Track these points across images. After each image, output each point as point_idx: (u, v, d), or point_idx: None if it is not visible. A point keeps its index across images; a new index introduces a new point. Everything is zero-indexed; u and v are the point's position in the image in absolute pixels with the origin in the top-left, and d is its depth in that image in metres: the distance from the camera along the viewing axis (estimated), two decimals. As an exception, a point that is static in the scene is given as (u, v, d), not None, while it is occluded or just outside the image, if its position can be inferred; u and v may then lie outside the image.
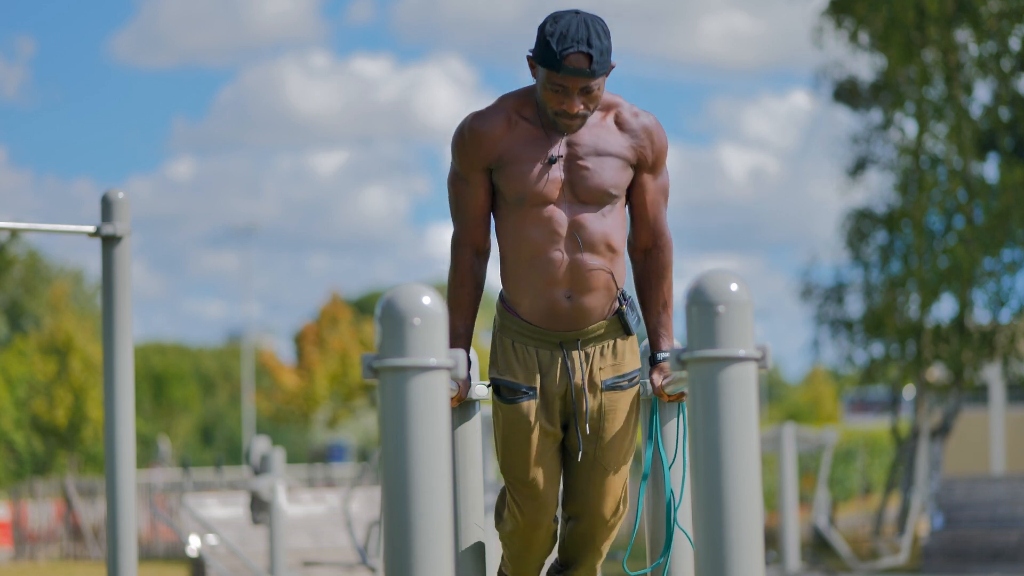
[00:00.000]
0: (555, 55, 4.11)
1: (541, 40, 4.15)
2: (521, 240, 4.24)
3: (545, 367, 4.28)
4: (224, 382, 60.24)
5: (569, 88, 4.14)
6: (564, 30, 4.12)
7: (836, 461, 27.85)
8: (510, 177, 4.23)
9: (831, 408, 54.00)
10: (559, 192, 4.21)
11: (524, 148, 4.23)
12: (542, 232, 4.21)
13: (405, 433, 2.96)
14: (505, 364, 4.31)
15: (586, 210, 4.22)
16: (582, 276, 4.22)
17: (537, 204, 4.22)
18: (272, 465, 11.09)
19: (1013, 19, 19.72)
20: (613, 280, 4.26)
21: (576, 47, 4.10)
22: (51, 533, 23.06)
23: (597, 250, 4.22)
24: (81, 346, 35.42)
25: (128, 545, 5.18)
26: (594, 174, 4.21)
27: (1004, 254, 19.96)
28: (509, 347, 4.31)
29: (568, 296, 4.24)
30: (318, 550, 13.52)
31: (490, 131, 4.25)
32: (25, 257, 46.79)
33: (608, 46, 4.15)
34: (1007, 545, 15.51)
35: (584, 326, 4.27)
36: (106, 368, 5.22)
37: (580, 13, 4.16)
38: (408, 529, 2.94)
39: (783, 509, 15.74)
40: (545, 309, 4.25)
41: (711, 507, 3.02)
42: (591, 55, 4.10)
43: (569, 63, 4.11)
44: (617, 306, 4.31)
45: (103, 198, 5.29)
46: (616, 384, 4.30)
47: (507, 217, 4.27)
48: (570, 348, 4.28)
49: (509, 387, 4.29)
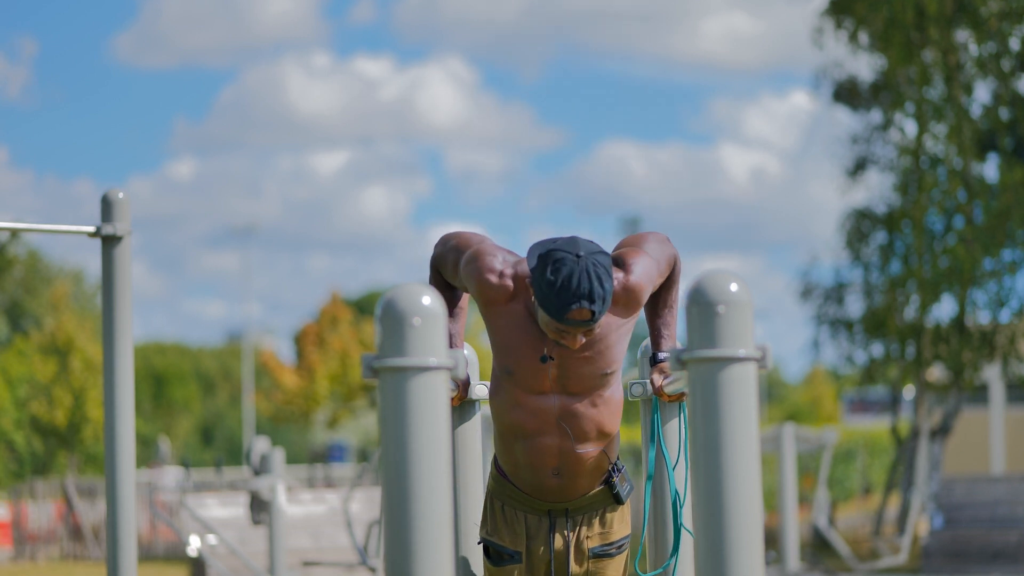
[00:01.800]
0: (556, 308, 3.95)
1: (541, 285, 3.96)
2: (510, 419, 4.18)
3: (532, 532, 4.27)
4: (224, 382, 60.25)
5: (571, 331, 4.01)
6: (566, 281, 3.92)
7: (836, 461, 27.85)
8: (500, 347, 4.14)
9: (831, 408, 54.02)
10: (548, 383, 4.13)
11: (518, 330, 4.12)
12: (531, 417, 4.15)
13: (405, 433, 2.96)
14: (494, 526, 4.30)
15: (577, 401, 4.14)
16: (571, 460, 4.18)
17: (525, 389, 4.14)
18: (272, 465, 11.09)
19: (1013, 19, 19.73)
20: (606, 458, 4.23)
21: (579, 303, 3.93)
22: (51, 533, 23.06)
23: (589, 437, 4.16)
24: (81, 346, 35.42)
25: (128, 545, 5.18)
26: (590, 363, 4.11)
27: (1004, 254, 19.97)
28: (499, 510, 4.30)
29: (557, 474, 4.20)
30: (318, 550, 13.53)
31: (491, 295, 4.12)
32: (25, 257, 46.81)
33: (610, 288, 3.97)
34: (1007, 545, 15.51)
35: (573, 498, 4.25)
36: (106, 368, 5.22)
37: (581, 257, 3.95)
38: (408, 529, 2.94)
39: (783, 509, 15.75)
40: (534, 483, 4.22)
41: (711, 507, 3.02)
42: (594, 310, 3.95)
43: (571, 317, 3.95)
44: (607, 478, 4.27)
45: (103, 198, 5.29)
46: (604, 552, 4.28)
47: (497, 385, 4.20)
48: (558, 516, 4.27)
49: (496, 549, 4.28)
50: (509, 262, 4.13)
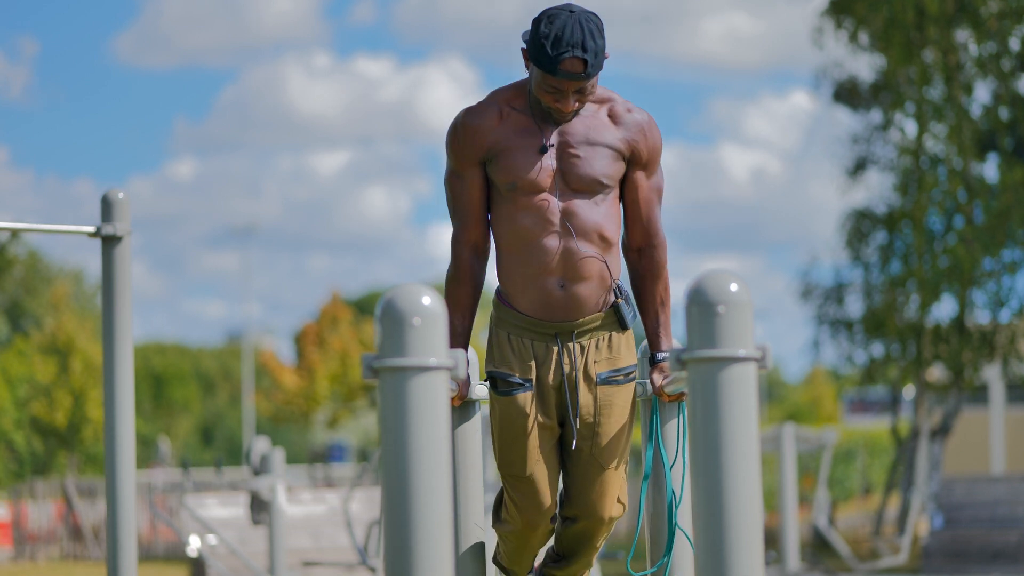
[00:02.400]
0: (550, 59, 4.11)
1: (535, 40, 4.14)
2: (514, 229, 4.25)
3: (540, 359, 4.28)
4: (224, 382, 60.23)
5: (564, 89, 4.15)
6: (559, 32, 4.10)
7: (836, 461, 27.84)
8: (502, 167, 4.24)
9: (831, 408, 54.00)
10: (551, 180, 4.22)
11: (516, 138, 4.24)
12: (534, 220, 4.22)
13: (405, 433, 2.96)
14: (501, 357, 4.30)
15: (578, 198, 4.23)
16: (575, 264, 4.22)
17: (529, 193, 4.23)
18: (272, 465, 11.09)
19: (1013, 19, 19.72)
20: (607, 270, 4.26)
21: (571, 51, 4.10)
22: (51, 533, 23.05)
23: (590, 238, 4.23)
24: (82, 346, 35.41)
25: (128, 545, 5.18)
26: (586, 163, 4.22)
27: (1004, 254, 19.96)
28: (505, 340, 4.31)
29: (561, 285, 4.23)
30: (318, 550, 13.52)
31: (482, 124, 4.27)
32: (25, 257, 46.79)
33: (602, 45, 4.15)
34: (1007, 545, 15.51)
35: (579, 316, 4.26)
36: (106, 368, 5.22)
37: (574, 12, 4.14)
38: (408, 529, 2.94)
39: (783, 509, 15.74)
40: (539, 299, 4.24)
41: (711, 507, 3.02)
42: (586, 59, 4.10)
43: (564, 67, 4.11)
44: (612, 299, 4.30)
45: (103, 198, 5.29)
46: (611, 378, 4.29)
47: (500, 208, 4.29)
48: (565, 340, 4.27)
49: (505, 379, 4.28)
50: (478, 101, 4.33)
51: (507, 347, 4.30)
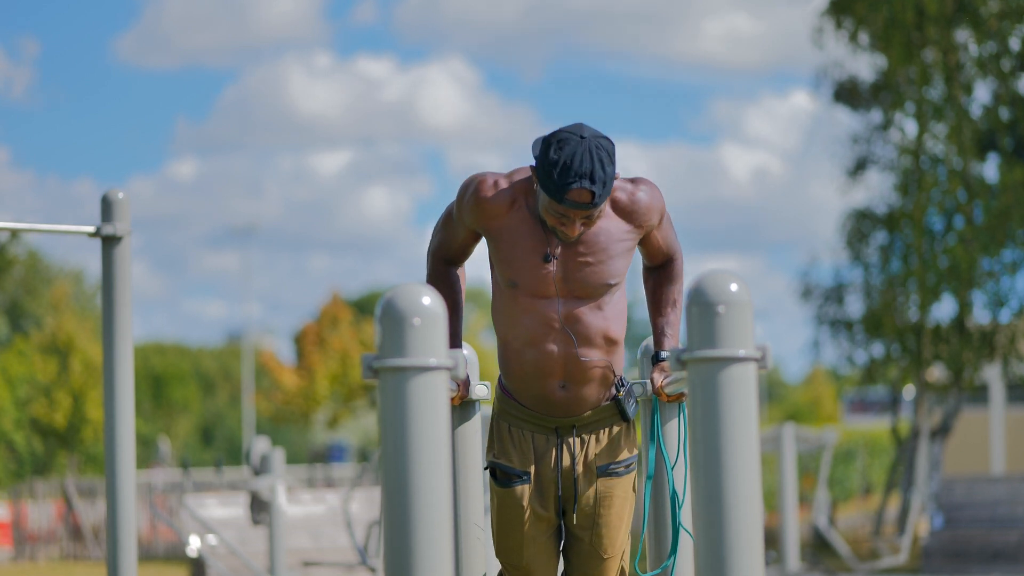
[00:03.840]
0: (557, 187, 3.98)
1: (544, 165, 4.01)
2: (515, 330, 4.19)
3: (540, 452, 4.26)
4: (224, 382, 60.23)
5: (570, 216, 4.04)
6: (568, 160, 3.97)
7: (836, 461, 27.85)
8: (503, 260, 4.16)
9: (831, 408, 54.02)
10: (554, 287, 4.14)
11: (521, 236, 4.14)
12: (536, 324, 4.15)
13: (405, 433, 2.96)
14: (501, 448, 4.29)
15: (582, 304, 4.15)
16: (577, 369, 4.18)
17: (530, 295, 4.15)
18: (272, 465, 11.10)
19: (1013, 19, 19.72)
20: (611, 370, 4.23)
21: (579, 182, 3.97)
22: (51, 533, 23.06)
23: (593, 344, 4.17)
24: (82, 346, 35.42)
25: (128, 545, 5.18)
26: (593, 270, 4.13)
27: (1004, 254, 19.96)
28: (505, 431, 4.29)
29: (563, 386, 4.20)
30: (318, 550, 13.53)
31: (491, 208, 4.16)
32: (25, 257, 46.78)
33: (612, 173, 4.01)
34: (1007, 545, 15.51)
35: (579, 413, 4.24)
36: (106, 368, 5.22)
37: (585, 138, 3.99)
38: (408, 529, 2.94)
39: (783, 509, 15.74)
40: (540, 396, 4.22)
41: (711, 507, 3.02)
42: (594, 191, 3.98)
43: (571, 197, 3.99)
44: (614, 393, 4.27)
45: (103, 198, 5.29)
46: (611, 470, 4.27)
47: (502, 300, 4.21)
48: (565, 433, 4.25)
49: (504, 471, 4.27)
50: (502, 175, 4.19)
51: (507, 438, 4.29)
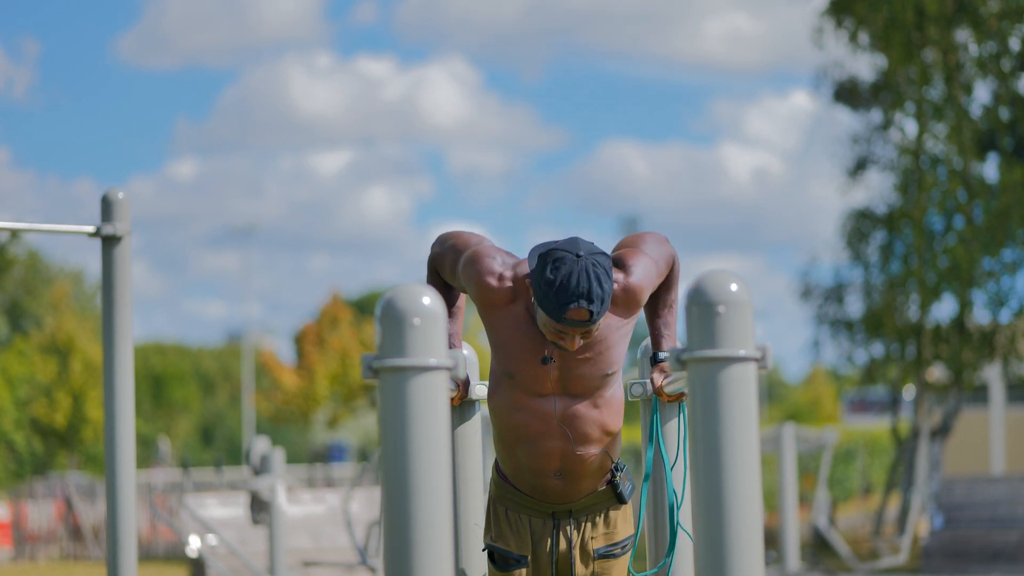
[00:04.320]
0: (554, 307, 3.95)
1: (541, 284, 3.97)
2: (510, 422, 4.17)
3: (537, 535, 4.27)
4: (224, 382, 60.24)
5: (568, 332, 4.01)
6: (564, 280, 3.92)
7: (836, 461, 27.85)
8: (500, 352, 4.13)
9: (831, 408, 54.02)
10: (549, 385, 4.12)
11: (519, 332, 4.11)
12: (532, 420, 4.14)
13: (405, 433, 2.95)
14: (498, 531, 4.30)
15: (578, 402, 4.13)
16: (572, 462, 4.17)
17: (526, 391, 4.13)
18: (272, 465, 11.10)
19: (1013, 19, 19.72)
20: (608, 458, 4.23)
21: (577, 303, 3.92)
22: (51, 533, 23.06)
23: (591, 439, 4.15)
24: (82, 346, 35.43)
25: (128, 545, 5.18)
26: (592, 364, 4.10)
27: (1004, 254, 19.97)
28: (502, 515, 4.30)
29: (559, 476, 4.20)
30: (318, 550, 13.53)
31: (491, 297, 4.11)
32: (25, 257, 46.80)
33: (609, 290, 3.97)
34: (1007, 545, 15.51)
35: (575, 499, 4.25)
36: (106, 368, 5.22)
37: (581, 257, 3.96)
38: (408, 529, 2.94)
39: (783, 509, 15.74)
40: (536, 485, 4.22)
41: (711, 507, 3.02)
42: (592, 310, 3.95)
43: (569, 316, 3.95)
44: (610, 477, 4.27)
45: (103, 198, 5.29)
46: (609, 552, 4.28)
47: (497, 388, 4.19)
48: (562, 519, 4.27)
49: (502, 555, 4.28)
50: (508, 264, 4.12)
51: (504, 522, 4.29)
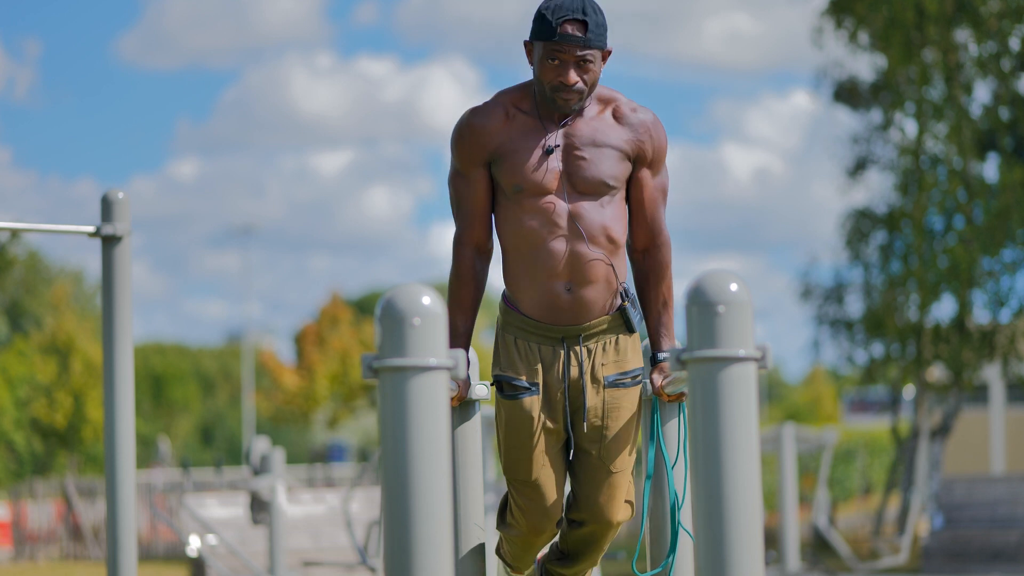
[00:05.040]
0: (550, 24, 4.17)
1: (537, 16, 4.23)
2: (520, 232, 4.24)
3: (547, 362, 4.27)
4: (224, 382, 60.21)
5: (566, 58, 4.18)
6: (559, 2, 4.19)
7: (836, 461, 27.84)
8: (507, 169, 4.24)
9: (831, 408, 54.00)
10: (557, 182, 4.22)
11: (521, 139, 4.25)
12: (541, 223, 4.22)
13: (405, 433, 2.95)
14: (507, 360, 4.29)
15: (584, 200, 4.23)
16: (582, 267, 4.21)
17: (535, 195, 4.22)
18: (272, 465, 11.10)
19: (1013, 19, 19.72)
20: (614, 272, 4.26)
21: (571, 15, 4.17)
22: (51, 533, 23.06)
23: (596, 241, 4.22)
24: (82, 346, 35.42)
25: (128, 545, 5.18)
26: (592, 164, 4.22)
27: (1004, 254, 19.96)
28: (511, 343, 4.30)
29: (568, 288, 4.22)
30: (318, 550, 13.53)
31: (487, 124, 4.28)
32: (25, 257, 46.77)
33: (602, 22, 4.22)
34: (1007, 545, 15.51)
35: (585, 320, 4.25)
36: (106, 368, 5.22)
37: None
38: (408, 529, 2.94)
39: (783, 509, 15.74)
40: (546, 302, 4.24)
41: (711, 507, 3.02)
42: (586, 22, 4.17)
43: (564, 30, 4.16)
44: (619, 302, 4.29)
45: (103, 198, 5.29)
46: (619, 381, 4.28)
47: (506, 210, 4.28)
48: (572, 343, 4.26)
49: (511, 383, 4.27)
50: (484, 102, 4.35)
51: (513, 351, 4.29)
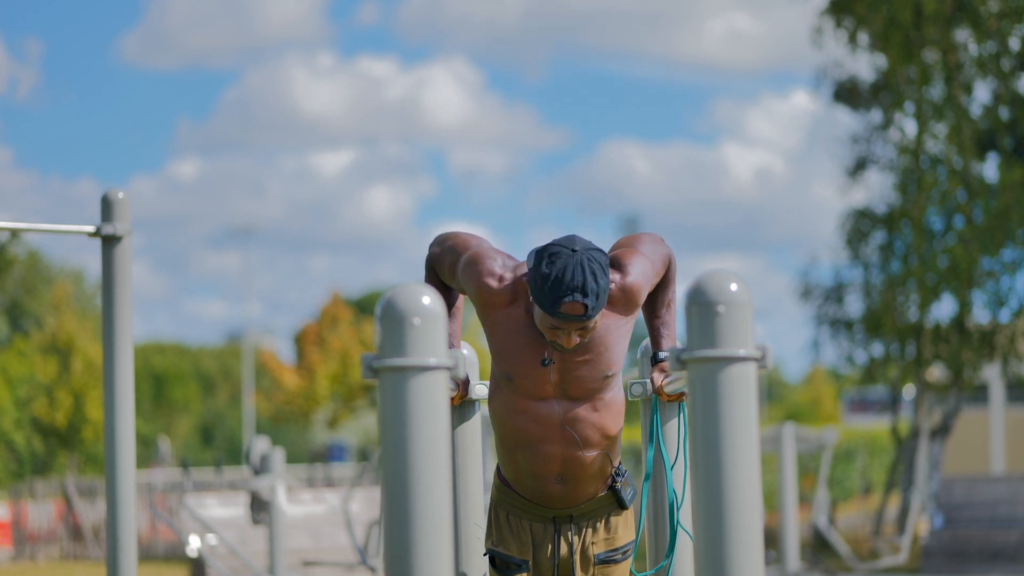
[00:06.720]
0: (550, 301, 3.96)
1: (536, 279, 3.98)
2: (512, 427, 4.17)
3: (538, 540, 4.28)
4: (224, 382, 60.23)
5: (564, 328, 4.01)
6: (559, 274, 3.94)
7: (836, 461, 27.84)
8: (499, 353, 4.14)
9: (831, 408, 54.02)
10: (550, 388, 4.12)
11: (518, 334, 4.11)
12: (531, 424, 4.14)
13: (405, 433, 2.95)
14: (499, 536, 4.31)
15: (578, 405, 4.13)
16: (575, 467, 4.17)
17: (526, 396, 4.13)
18: (272, 465, 11.10)
19: (1013, 19, 19.72)
20: (609, 462, 4.23)
21: (571, 296, 3.93)
22: (51, 533, 23.06)
23: (592, 443, 4.15)
24: (82, 346, 35.42)
25: (128, 545, 5.18)
26: (591, 366, 4.10)
27: (1004, 254, 19.98)
28: (504, 520, 4.31)
29: (560, 481, 4.20)
30: (318, 550, 13.53)
31: (490, 299, 4.11)
32: (26, 257, 46.78)
33: (605, 285, 3.98)
34: (1007, 545, 15.51)
35: (576, 504, 4.26)
36: (106, 368, 5.22)
37: (576, 252, 3.97)
38: (408, 529, 2.94)
39: (783, 509, 15.74)
40: (537, 490, 4.22)
41: (711, 507, 3.02)
42: (587, 304, 3.95)
43: (564, 310, 3.96)
44: (611, 482, 4.28)
45: (103, 198, 5.29)
46: (609, 558, 4.29)
47: (498, 393, 4.19)
48: (563, 524, 4.27)
49: (503, 559, 4.29)
50: (508, 266, 4.13)
51: (505, 527, 4.30)
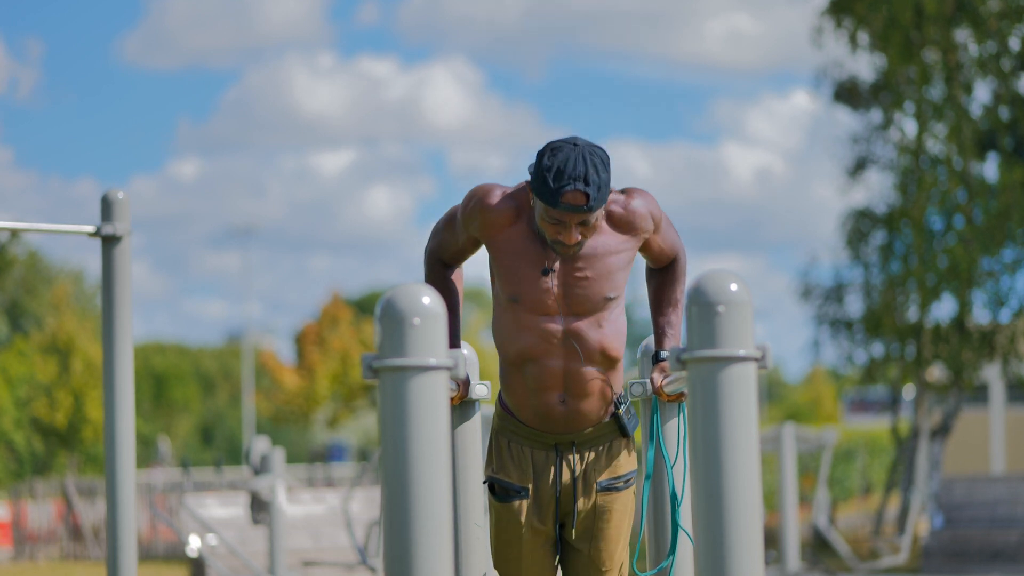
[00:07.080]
0: (551, 191, 4.04)
1: (538, 173, 4.07)
2: (516, 345, 4.21)
3: (539, 468, 4.29)
4: (224, 382, 60.21)
5: (566, 222, 4.08)
6: (561, 165, 4.04)
7: (836, 461, 27.84)
8: (504, 274, 4.20)
9: (831, 408, 54.01)
10: (554, 303, 4.17)
11: (521, 249, 4.18)
12: (537, 339, 4.19)
13: (405, 433, 2.96)
14: (499, 463, 4.32)
15: (581, 320, 4.18)
16: (577, 384, 4.21)
17: (531, 311, 4.18)
18: (272, 465, 11.10)
19: (1013, 19, 19.72)
20: (609, 386, 4.25)
21: (573, 184, 4.03)
22: (51, 533, 23.05)
23: (593, 360, 4.20)
24: (82, 346, 35.41)
25: (128, 545, 5.19)
26: (591, 283, 4.17)
27: (1004, 254, 19.97)
28: (504, 447, 4.32)
29: (563, 401, 4.23)
30: (318, 550, 13.53)
31: (495, 219, 4.20)
32: (25, 257, 46.77)
33: (606, 179, 4.08)
34: (1007, 545, 15.51)
35: (579, 429, 4.27)
36: (106, 368, 5.22)
37: (578, 146, 4.08)
38: (408, 529, 2.94)
39: (783, 509, 15.74)
40: (540, 412, 4.24)
41: (711, 507, 3.02)
42: (588, 192, 4.03)
43: (566, 200, 4.04)
44: (613, 410, 4.30)
45: (103, 198, 5.30)
46: (611, 485, 4.30)
47: (503, 315, 4.25)
48: (565, 450, 4.28)
49: (503, 486, 4.30)
50: (509, 188, 4.24)
51: (506, 454, 4.32)
